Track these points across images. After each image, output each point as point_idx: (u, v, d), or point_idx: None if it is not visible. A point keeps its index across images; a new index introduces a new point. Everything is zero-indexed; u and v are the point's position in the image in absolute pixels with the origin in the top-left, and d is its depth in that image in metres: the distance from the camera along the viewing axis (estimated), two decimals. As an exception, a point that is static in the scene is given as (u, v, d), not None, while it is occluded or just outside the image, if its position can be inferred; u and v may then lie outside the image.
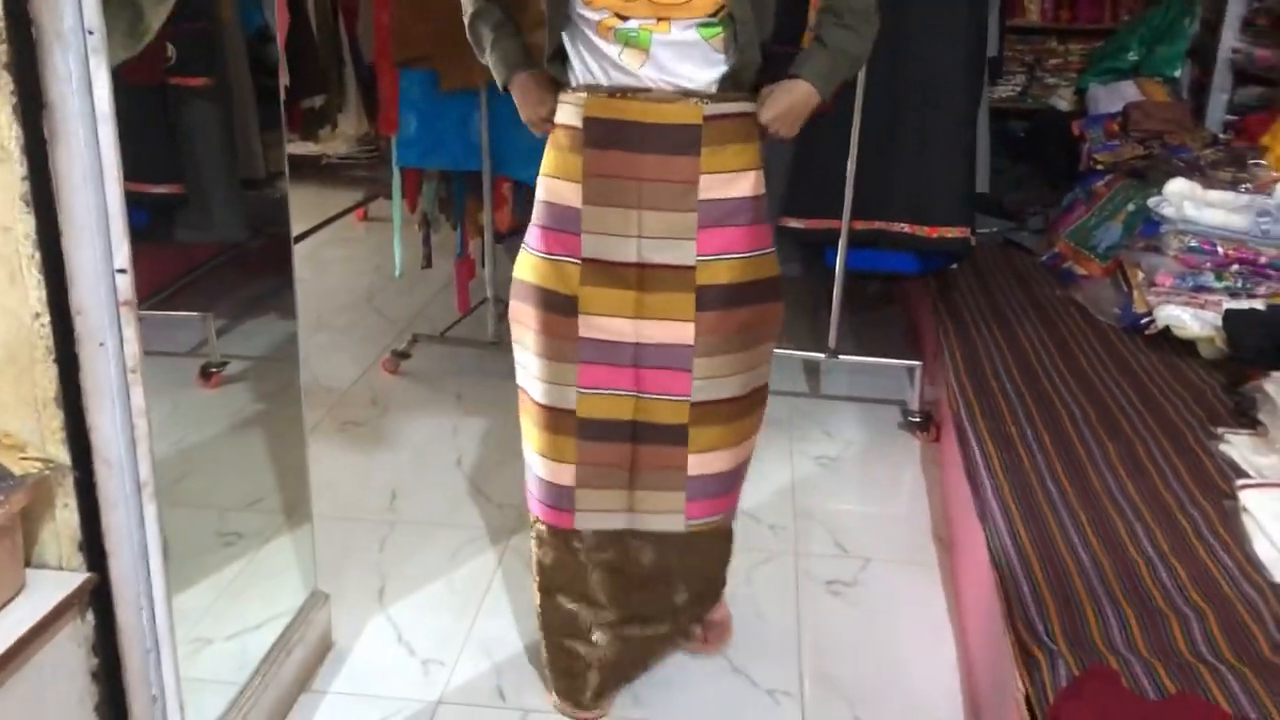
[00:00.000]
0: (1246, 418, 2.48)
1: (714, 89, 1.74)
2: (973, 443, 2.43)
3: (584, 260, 1.81)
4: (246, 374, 3.39)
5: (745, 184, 1.80)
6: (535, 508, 1.97)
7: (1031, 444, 2.42)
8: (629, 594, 2.00)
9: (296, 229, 4.68)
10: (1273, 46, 3.86)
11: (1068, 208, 3.93)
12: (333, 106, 3.64)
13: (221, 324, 3.32)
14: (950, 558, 2.52)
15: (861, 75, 2.92)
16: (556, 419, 1.87)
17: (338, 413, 3.27)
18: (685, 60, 1.71)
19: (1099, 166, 3.97)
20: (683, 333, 1.81)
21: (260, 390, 3.30)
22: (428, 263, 3.63)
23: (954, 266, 3.43)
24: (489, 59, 1.91)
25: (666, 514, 1.93)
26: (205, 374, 3.12)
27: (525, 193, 3.38)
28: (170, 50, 2.89)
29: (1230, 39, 4.21)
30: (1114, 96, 4.39)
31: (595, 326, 1.83)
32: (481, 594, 2.40)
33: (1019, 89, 5.07)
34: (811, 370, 3.58)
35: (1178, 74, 4.51)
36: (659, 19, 1.68)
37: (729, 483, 1.96)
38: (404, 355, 3.56)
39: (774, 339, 1.93)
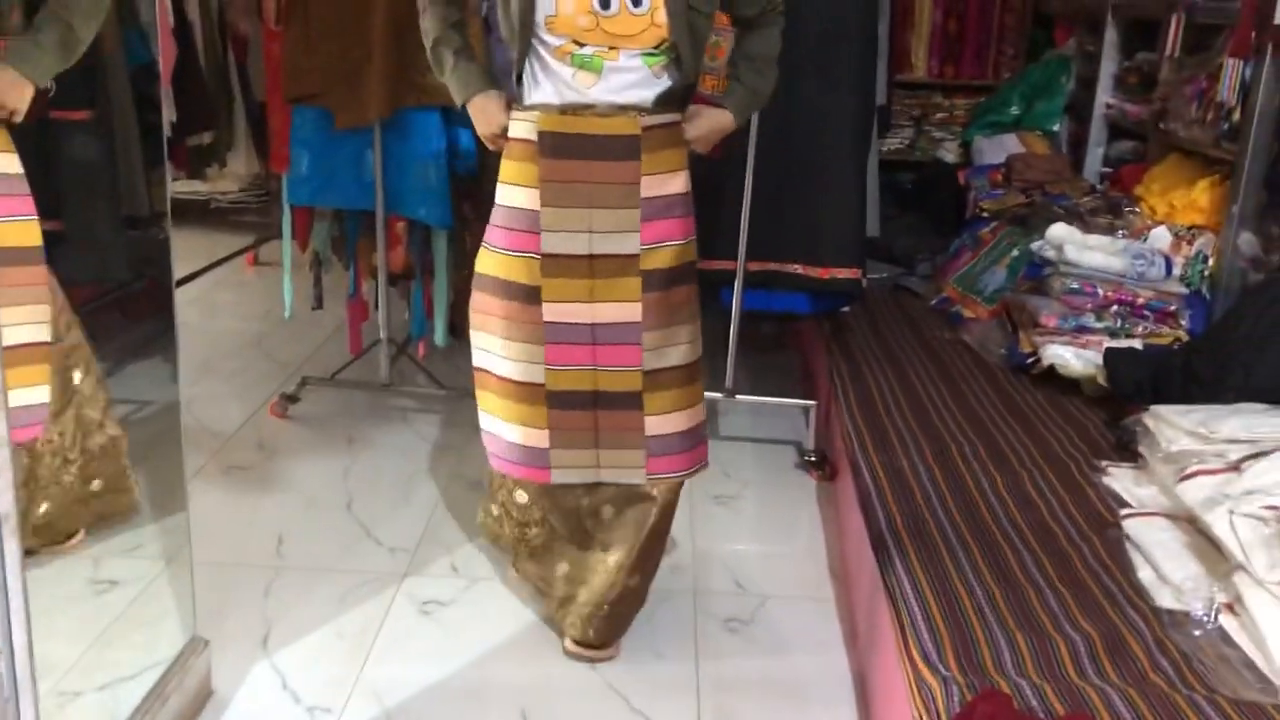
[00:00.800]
0: (1128, 451, 2.56)
1: (650, 104, 2.02)
2: (865, 475, 2.45)
3: (544, 255, 2.06)
4: (126, 418, 3.26)
5: (678, 182, 2.10)
6: (510, 469, 2.22)
7: (923, 477, 2.45)
8: (581, 531, 2.27)
9: (184, 271, 4.61)
10: (1143, 103, 4.04)
11: (955, 254, 4.04)
12: (221, 144, 3.55)
13: (101, 367, 3.19)
14: (846, 592, 2.53)
15: (756, 118, 2.97)
16: (530, 392, 2.13)
17: (223, 457, 3.16)
18: (631, 85, 2.00)
19: (984, 214, 4.10)
20: (632, 311, 2.08)
21: (140, 435, 3.18)
22: (319, 304, 3.56)
23: (846, 309, 3.49)
24: (449, 79, 2.14)
25: (628, 469, 2.18)
26: (81, 417, 2.97)
27: (419, 232, 3.35)
28: (49, 82, 2.80)
29: (1104, 96, 4.40)
30: (997, 148, 4.55)
31: (557, 312, 2.08)
32: (371, 639, 2.32)
33: (907, 141, 5.23)
34: (709, 411, 3.58)
35: (1056, 128, 4.69)
36: (610, 47, 1.96)
37: (685, 442, 2.19)
38: (293, 399, 3.47)
39: (699, 315, 2.20)
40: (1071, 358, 3.02)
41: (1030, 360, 3.13)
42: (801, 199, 3.11)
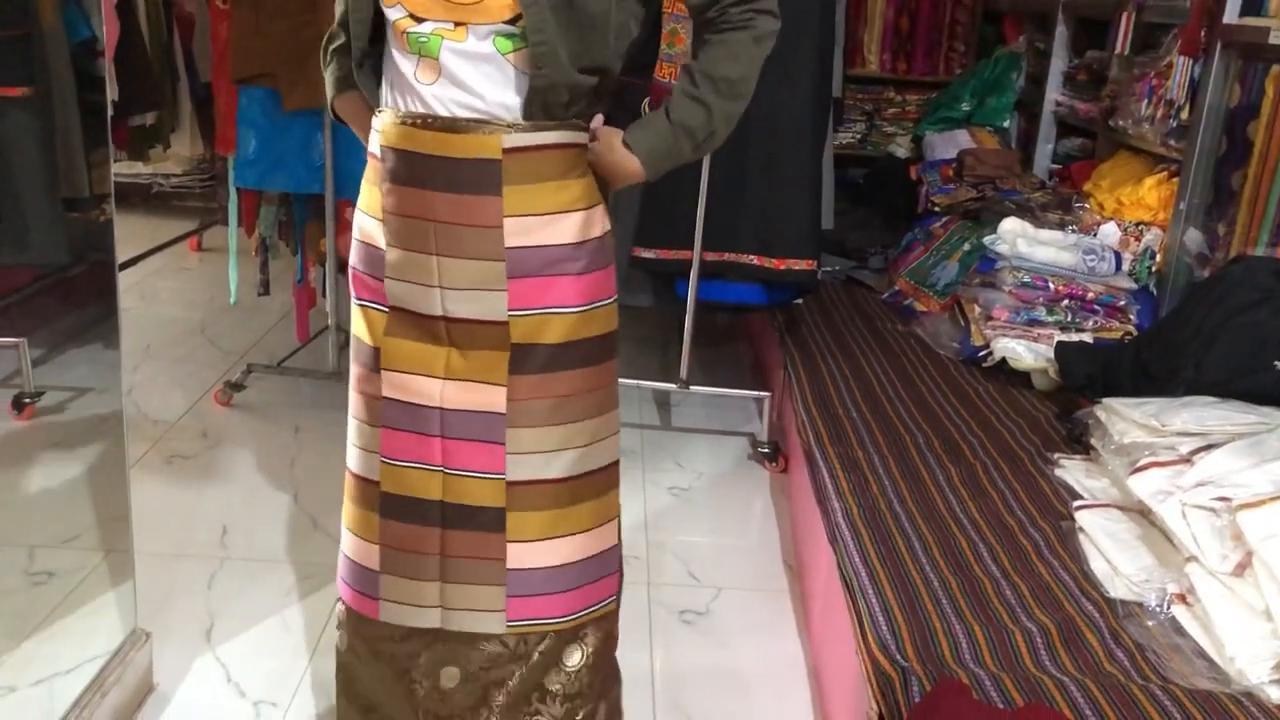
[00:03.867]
0: (1079, 443, 2.58)
1: (519, 115, 1.47)
2: (821, 467, 2.45)
3: (391, 308, 1.58)
4: (64, 406, 3.17)
5: (568, 227, 1.52)
6: (342, 590, 1.72)
7: (878, 468, 2.45)
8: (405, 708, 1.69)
9: (125, 256, 4.50)
10: (1092, 100, 4.08)
11: (907, 247, 4.06)
12: (165, 124, 3.46)
13: (39, 353, 3.10)
14: (800, 583, 2.52)
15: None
16: (364, 490, 1.65)
17: (165, 446, 3.08)
18: (481, 78, 1.45)
19: (936, 209, 4.11)
20: (493, 399, 1.54)
21: (78, 423, 3.09)
22: (265, 290, 3.48)
23: (799, 300, 3.48)
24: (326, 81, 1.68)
25: (484, 612, 1.61)
26: (18, 405, 2.89)
27: (370, 218, 3.28)
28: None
29: (1054, 93, 4.44)
30: (948, 144, 4.57)
31: (399, 386, 1.58)
32: (318, 632, 2.27)
33: (860, 136, 5.24)
34: (663, 402, 3.57)
35: (1006, 124, 4.73)
36: (456, 23, 1.43)
37: (563, 581, 1.62)
38: (238, 387, 3.39)
39: (614, 405, 1.65)
40: (1023, 351, 3.04)
41: (982, 353, 3.15)
42: (758, 189, 3.10)
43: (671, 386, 3.30)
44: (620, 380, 1.72)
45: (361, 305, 1.61)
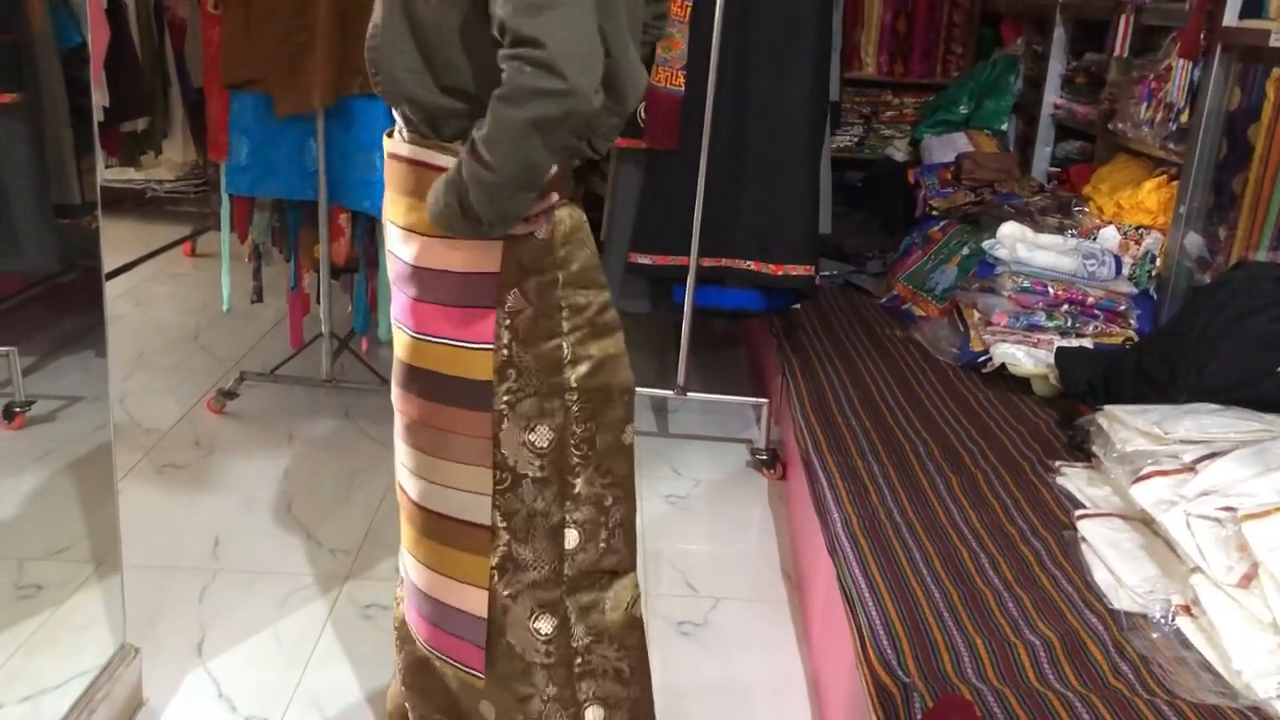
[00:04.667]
0: (1080, 451, 2.55)
1: (404, 130, 1.48)
2: (820, 476, 2.42)
3: None
4: (55, 415, 3.13)
5: (411, 249, 1.48)
6: None
7: (878, 477, 2.42)
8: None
9: (119, 262, 4.47)
10: (1090, 103, 4.06)
11: (905, 251, 4.03)
12: (157, 130, 3.43)
13: (29, 361, 3.07)
14: (799, 594, 2.49)
15: (708, 112, 2.92)
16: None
17: (157, 455, 3.05)
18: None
19: (934, 212, 4.09)
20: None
21: (69, 432, 3.05)
22: (258, 297, 3.45)
23: (797, 306, 3.46)
24: None
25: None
26: (7, 414, 2.86)
27: (363, 223, 3.25)
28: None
29: (1052, 96, 4.42)
30: (946, 147, 4.55)
31: None
32: (311, 645, 2.24)
33: (857, 139, 5.21)
34: (660, 408, 3.54)
35: (1004, 127, 4.71)
36: None
37: (425, 607, 1.65)
38: (231, 394, 3.36)
39: (485, 463, 1.52)
40: (1023, 356, 3.01)
41: (981, 359, 3.12)
42: (755, 194, 3.07)
43: (669, 393, 3.27)
44: None
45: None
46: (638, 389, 3.30)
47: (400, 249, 1.51)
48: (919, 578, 2.00)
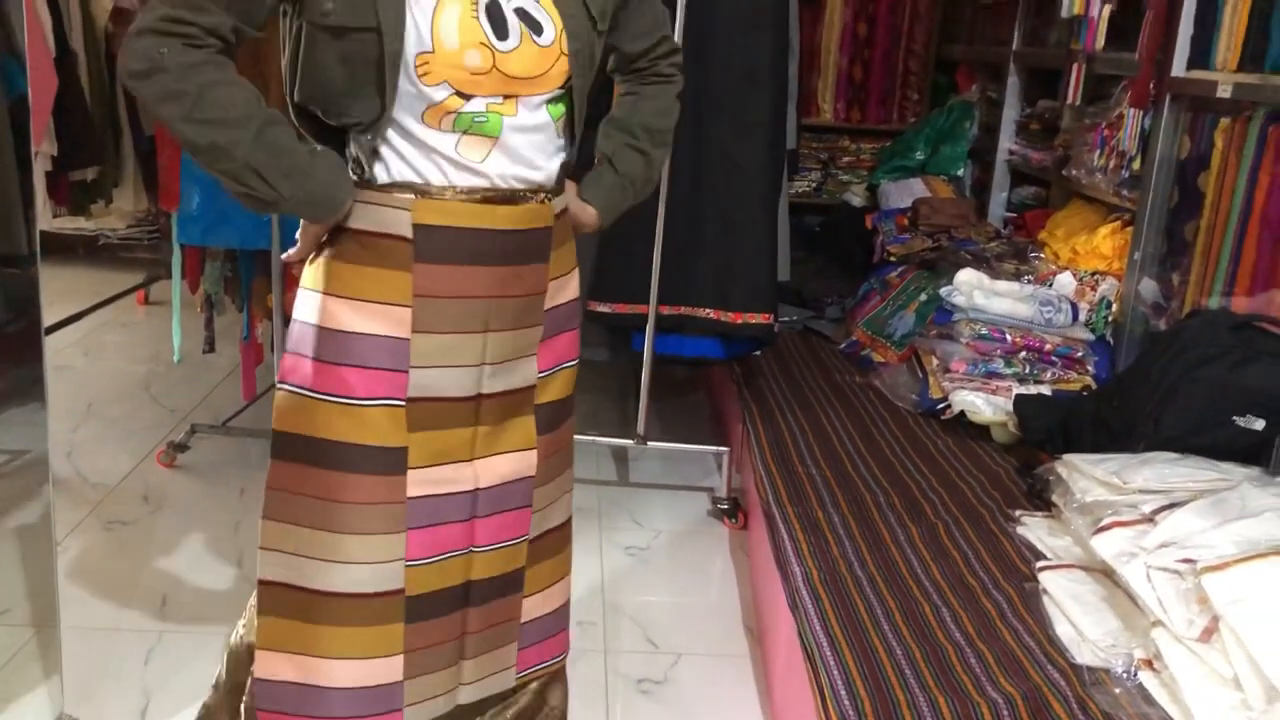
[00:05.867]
0: (1040, 499, 2.54)
1: (554, 181, 1.49)
2: (781, 529, 2.39)
3: (410, 401, 1.44)
4: (-1, 470, 3.06)
5: (574, 285, 1.60)
6: None
7: (839, 529, 2.40)
8: None
9: (70, 310, 4.39)
10: (1045, 150, 4.11)
11: (864, 297, 4.04)
12: (108, 179, 3.38)
13: (-28, 414, 3.00)
14: (762, 648, 2.45)
15: (666, 162, 2.91)
16: (379, 607, 1.47)
17: (104, 511, 2.97)
18: (534, 148, 1.44)
19: (892, 258, 4.11)
20: (526, 463, 1.55)
21: (12, 488, 2.98)
22: (210, 347, 3.39)
23: (757, 352, 3.45)
24: (302, 172, 1.35)
25: (499, 674, 1.62)
26: (-52, 470, 2.78)
27: (319, 274, 3.21)
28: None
29: (1007, 142, 4.47)
30: (903, 192, 4.59)
31: (432, 480, 1.47)
32: (261, 709, 2.17)
33: (815, 184, 5.25)
34: (621, 457, 3.51)
35: (961, 173, 4.76)
36: (505, 97, 1.38)
37: (556, 624, 1.71)
38: (182, 447, 3.29)
39: (570, 464, 1.73)
40: (981, 404, 3.01)
41: (941, 405, 3.12)
42: (713, 243, 3.06)
43: (629, 442, 3.24)
44: (577, 436, 1.72)
45: (370, 405, 1.42)
46: (598, 438, 3.31)
47: (561, 295, 1.58)
48: (880, 633, 1.97)
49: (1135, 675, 1.83)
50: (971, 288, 3.19)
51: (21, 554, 2.63)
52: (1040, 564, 2.21)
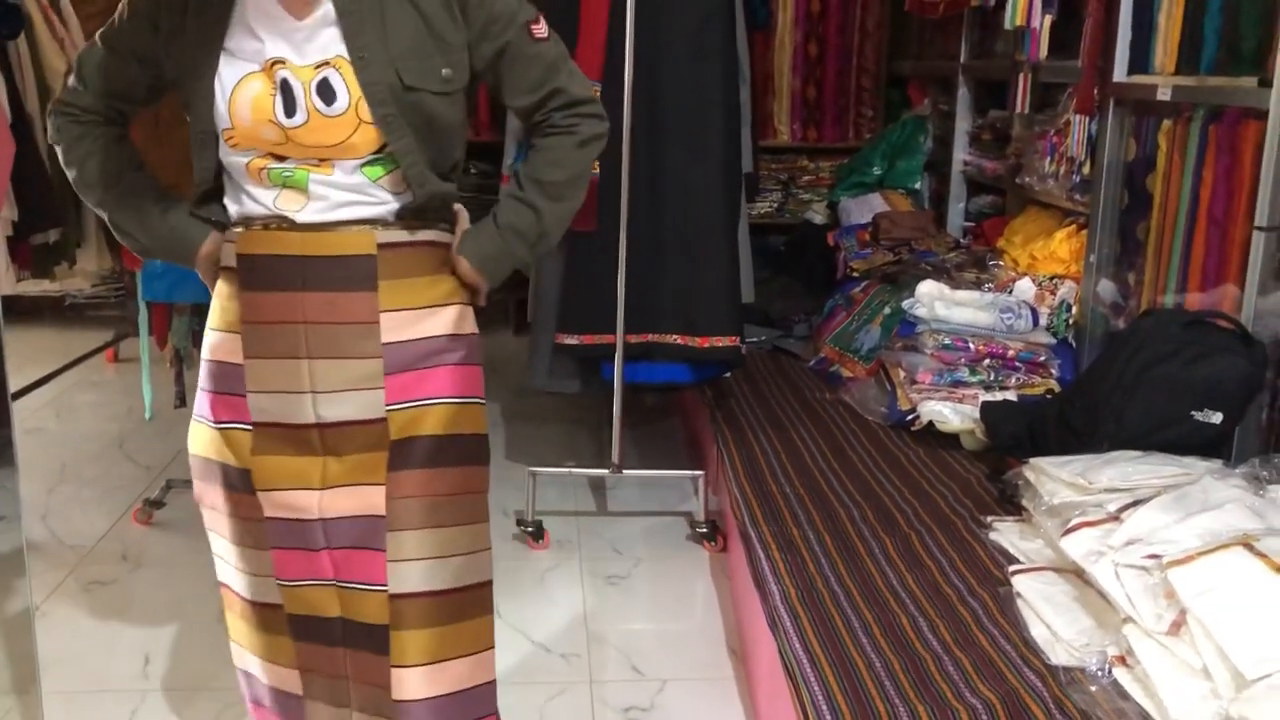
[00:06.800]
0: (1011, 504, 2.58)
1: (390, 217, 1.53)
2: (757, 549, 2.42)
3: (254, 425, 1.54)
4: (-28, 536, 3.04)
5: (442, 320, 1.56)
6: (256, 715, 1.71)
7: (814, 546, 2.42)
8: None
9: (39, 372, 4.37)
10: (997, 159, 4.18)
11: (829, 314, 4.09)
12: (70, 240, 3.39)
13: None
14: (745, 669, 2.47)
15: (624, 190, 2.96)
16: (267, 616, 1.60)
17: (82, 572, 2.97)
18: (352, 202, 1.51)
19: (855, 274, 4.16)
20: (372, 500, 1.52)
21: (-12, 554, 2.97)
22: (181, 402, 3.40)
23: (727, 374, 3.48)
24: (157, 231, 1.62)
25: None
26: (-80, 540, 2.76)
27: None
28: None
29: (961, 153, 4.54)
30: (863, 208, 4.65)
31: (278, 504, 1.54)
32: (249, 762, 2.17)
33: (776, 205, 5.31)
34: (597, 487, 3.53)
35: (918, 185, 4.82)
36: (320, 160, 1.48)
37: (454, 712, 1.57)
38: (158, 504, 3.28)
39: (487, 516, 1.62)
40: (949, 413, 3.05)
41: (909, 417, 3.16)
42: (675, 270, 3.10)
43: (605, 472, 3.26)
44: (552, 469, 1.71)
45: (221, 428, 1.57)
46: (573, 470, 3.33)
47: (416, 329, 1.55)
48: (859, 647, 1.99)
49: (1109, 672, 1.86)
50: (933, 299, 3.24)
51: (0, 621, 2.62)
52: (1013, 568, 2.24)
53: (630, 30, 2.86)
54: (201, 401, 1.61)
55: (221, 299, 1.59)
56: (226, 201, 1.58)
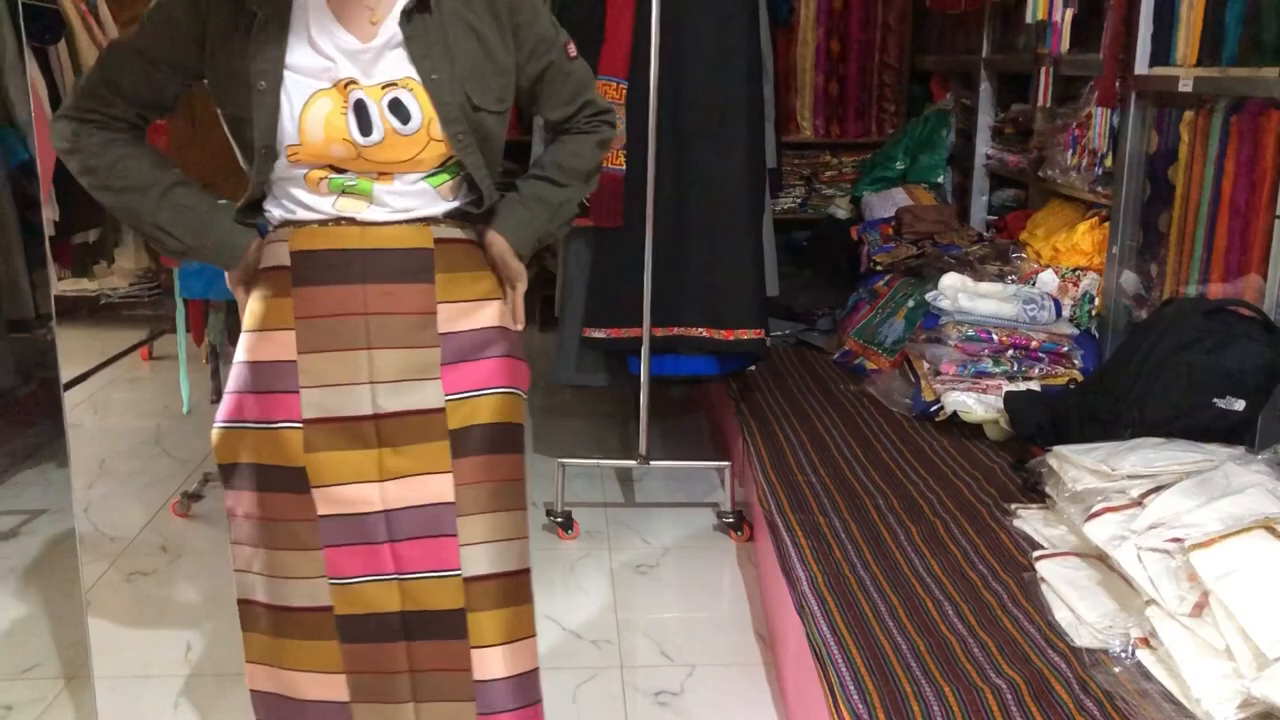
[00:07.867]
0: (1035, 492, 2.61)
1: (440, 217, 1.60)
2: (784, 536, 2.46)
3: (306, 422, 1.55)
4: (18, 530, 3.13)
5: (489, 314, 1.64)
6: None
7: (840, 533, 2.47)
8: None
9: (76, 371, 4.46)
10: (1020, 152, 4.20)
11: (853, 307, 4.12)
12: (108, 240, 3.46)
13: (-10, 475, 3.08)
14: (773, 654, 2.52)
15: (650, 186, 3.01)
16: (311, 621, 1.58)
17: (124, 563, 3.04)
18: (412, 208, 1.58)
19: (878, 267, 4.19)
20: (439, 488, 1.56)
21: (33, 546, 3.05)
22: (217, 397, 3.45)
23: (752, 367, 3.52)
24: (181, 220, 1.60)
25: None
26: (-31, 533, 2.85)
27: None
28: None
29: (983, 147, 4.57)
30: (886, 202, 4.67)
31: (335, 500, 1.55)
32: (290, 744, 2.23)
33: (799, 200, 5.34)
34: (625, 478, 3.57)
35: (941, 179, 4.84)
36: (380, 173, 1.54)
37: (522, 695, 1.61)
38: (196, 497, 3.36)
39: (524, 505, 1.67)
40: (973, 403, 3.09)
41: (934, 408, 3.19)
42: (701, 264, 3.15)
43: (632, 463, 3.31)
44: (581, 460, 1.76)
45: (266, 428, 1.56)
46: (601, 461, 3.38)
47: (468, 321, 1.61)
48: (885, 630, 2.04)
49: (1133, 654, 1.90)
50: (956, 291, 3.27)
51: (47, 610, 2.70)
52: (1037, 554, 2.28)
53: (655, 29, 2.91)
54: (233, 406, 1.59)
55: (264, 299, 1.58)
56: (267, 205, 1.61)
